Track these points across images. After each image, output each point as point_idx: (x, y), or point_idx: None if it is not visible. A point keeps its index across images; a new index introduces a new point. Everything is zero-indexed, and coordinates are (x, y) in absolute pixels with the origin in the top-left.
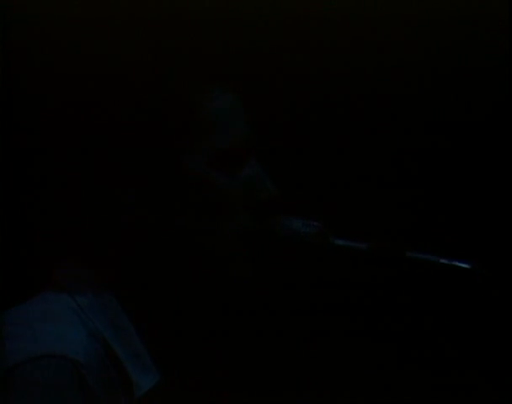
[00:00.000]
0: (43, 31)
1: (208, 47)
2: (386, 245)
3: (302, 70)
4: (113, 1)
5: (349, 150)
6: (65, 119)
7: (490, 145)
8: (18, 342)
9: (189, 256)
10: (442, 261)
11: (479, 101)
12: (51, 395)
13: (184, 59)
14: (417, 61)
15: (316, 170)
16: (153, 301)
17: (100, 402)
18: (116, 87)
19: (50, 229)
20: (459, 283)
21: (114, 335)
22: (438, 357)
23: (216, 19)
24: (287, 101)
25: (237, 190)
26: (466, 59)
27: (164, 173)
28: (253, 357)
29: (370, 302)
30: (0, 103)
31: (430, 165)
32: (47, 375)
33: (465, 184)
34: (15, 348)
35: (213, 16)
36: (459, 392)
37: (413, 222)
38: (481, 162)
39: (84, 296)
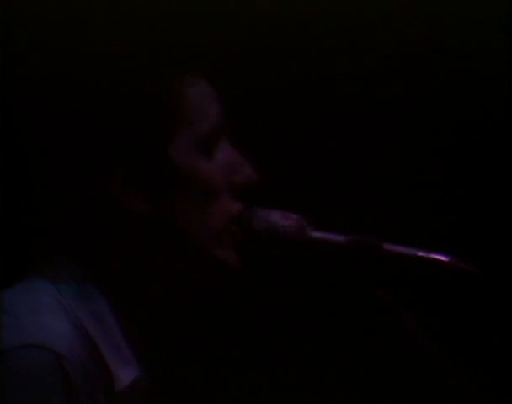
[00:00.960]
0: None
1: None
2: (363, 238)
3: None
4: None
5: (329, 141)
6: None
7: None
8: (4, 331)
9: (176, 244)
10: (419, 253)
11: (479, 102)
12: (32, 385)
13: (157, 51)
14: (417, 61)
15: (295, 162)
16: (137, 293)
17: (81, 395)
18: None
19: (37, 220)
20: (436, 275)
21: (96, 326)
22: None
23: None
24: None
25: (216, 174)
26: (466, 59)
27: (150, 162)
28: (237, 346)
29: (349, 294)
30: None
31: (408, 154)
32: (31, 365)
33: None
34: (2, 335)
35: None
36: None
37: (392, 215)
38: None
39: (67, 286)
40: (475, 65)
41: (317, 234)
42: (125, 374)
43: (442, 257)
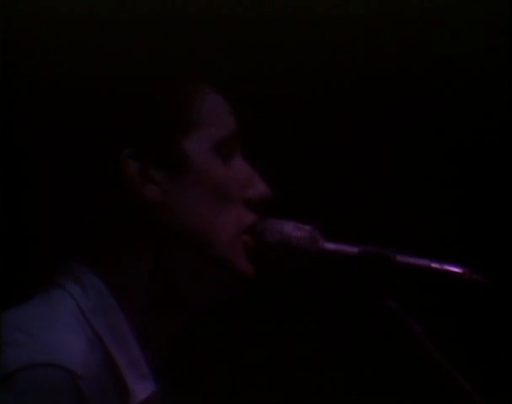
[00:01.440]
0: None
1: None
2: (376, 249)
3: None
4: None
5: (341, 154)
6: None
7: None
8: (19, 349)
9: (189, 245)
10: (433, 265)
11: (478, 103)
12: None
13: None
14: (416, 62)
15: (308, 173)
16: (155, 305)
17: None
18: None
19: (54, 228)
20: (450, 287)
21: (114, 340)
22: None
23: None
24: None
25: (231, 180)
26: (466, 59)
27: (163, 151)
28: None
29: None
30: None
31: (423, 169)
32: (44, 384)
33: (458, 189)
34: (16, 353)
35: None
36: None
37: (405, 226)
38: (476, 165)
39: (86, 299)
40: (476, 66)
41: (329, 245)
42: (142, 389)
43: (456, 269)
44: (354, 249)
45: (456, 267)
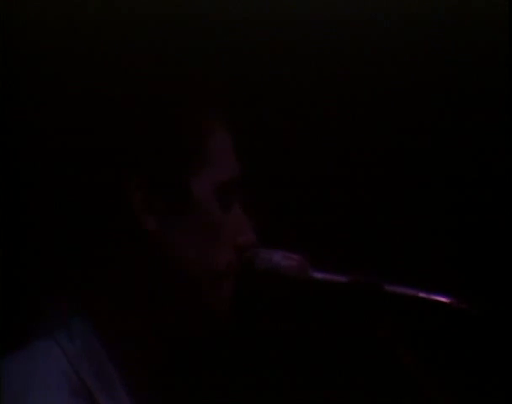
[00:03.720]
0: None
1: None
2: (365, 278)
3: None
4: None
5: (328, 184)
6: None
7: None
8: None
9: (175, 279)
10: (420, 294)
11: (478, 104)
12: None
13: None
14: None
15: (296, 203)
16: (140, 343)
17: None
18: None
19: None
20: (438, 317)
21: (99, 383)
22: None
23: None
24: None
25: (226, 228)
26: (466, 59)
27: (172, 186)
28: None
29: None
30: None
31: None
32: None
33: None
34: None
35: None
36: None
37: (392, 256)
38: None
39: (72, 343)
40: (475, 65)
41: (318, 275)
42: None
43: (443, 299)
44: (342, 278)
45: (444, 296)
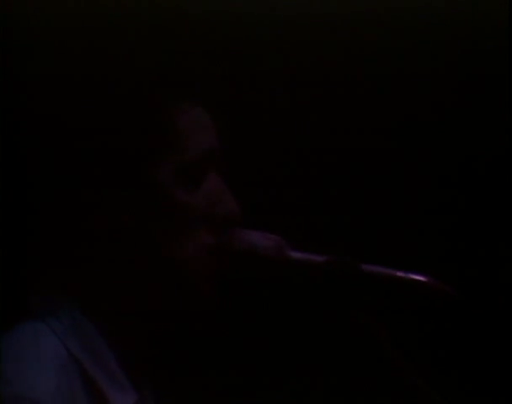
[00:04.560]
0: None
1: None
2: (342, 258)
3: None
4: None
5: (309, 162)
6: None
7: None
8: None
9: (156, 273)
10: (398, 274)
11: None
12: None
13: (155, 74)
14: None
15: (275, 183)
16: (127, 321)
17: None
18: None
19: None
20: (415, 296)
21: (90, 358)
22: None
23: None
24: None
25: (197, 205)
26: (466, 59)
27: (131, 183)
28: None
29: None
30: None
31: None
32: None
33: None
34: None
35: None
36: None
37: (369, 235)
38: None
39: (59, 322)
40: (475, 65)
41: (296, 254)
42: (124, 402)
43: (420, 278)
44: (320, 258)
45: (422, 276)
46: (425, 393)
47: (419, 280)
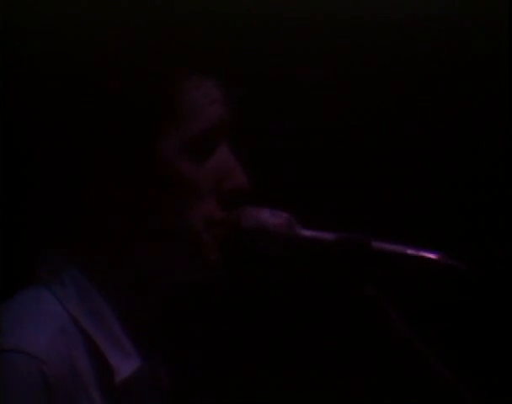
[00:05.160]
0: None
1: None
2: (353, 235)
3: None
4: None
5: (320, 141)
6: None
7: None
8: None
9: (159, 244)
10: (408, 251)
11: (478, 102)
12: (9, 388)
13: (164, 46)
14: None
15: (286, 160)
16: (131, 286)
17: (63, 397)
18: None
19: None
20: (426, 274)
21: (93, 322)
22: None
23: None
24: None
25: (204, 178)
26: (466, 59)
27: (135, 154)
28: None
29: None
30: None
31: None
32: (7, 368)
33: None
34: None
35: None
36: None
37: (381, 213)
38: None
39: (62, 286)
40: (475, 65)
41: (306, 232)
42: (126, 366)
43: (431, 255)
44: (330, 235)
45: (432, 253)
46: (433, 366)
47: (430, 258)
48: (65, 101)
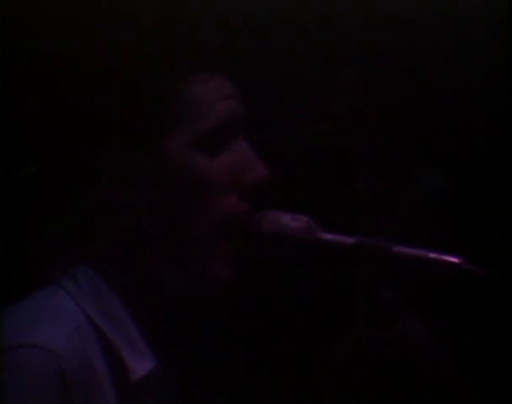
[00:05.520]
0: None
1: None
2: (373, 240)
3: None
4: None
5: (339, 144)
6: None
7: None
8: (6, 336)
9: (173, 244)
10: (430, 255)
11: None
12: (27, 382)
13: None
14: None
15: (305, 164)
16: (145, 287)
17: (80, 392)
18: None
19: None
20: (449, 278)
21: (108, 323)
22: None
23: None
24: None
25: (220, 173)
26: (466, 59)
27: (144, 152)
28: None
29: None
30: None
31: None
32: (25, 363)
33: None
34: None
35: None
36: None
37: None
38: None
39: (76, 286)
40: (474, 65)
41: (327, 236)
42: (141, 366)
43: (453, 259)
44: (351, 240)
45: (454, 257)
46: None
47: (453, 262)
48: (72, 101)
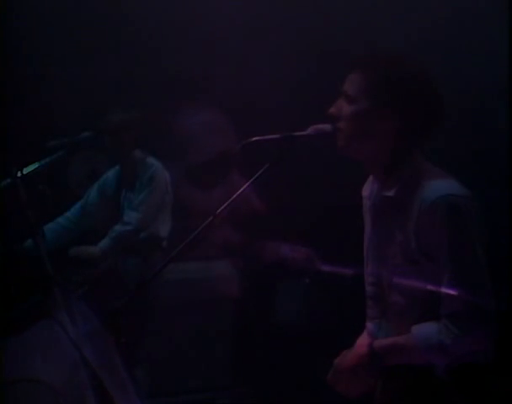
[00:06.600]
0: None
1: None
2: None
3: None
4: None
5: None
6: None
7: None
8: (8, 370)
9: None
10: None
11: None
12: None
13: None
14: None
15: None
16: (139, 331)
17: None
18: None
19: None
20: None
21: (101, 364)
22: None
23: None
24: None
25: (211, 204)
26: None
27: None
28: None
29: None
30: None
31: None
32: (26, 396)
33: None
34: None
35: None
36: None
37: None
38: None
39: (74, 326)
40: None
41: (325, 267)
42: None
43: None
44: (350, 271)
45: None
46: None
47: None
48: None
